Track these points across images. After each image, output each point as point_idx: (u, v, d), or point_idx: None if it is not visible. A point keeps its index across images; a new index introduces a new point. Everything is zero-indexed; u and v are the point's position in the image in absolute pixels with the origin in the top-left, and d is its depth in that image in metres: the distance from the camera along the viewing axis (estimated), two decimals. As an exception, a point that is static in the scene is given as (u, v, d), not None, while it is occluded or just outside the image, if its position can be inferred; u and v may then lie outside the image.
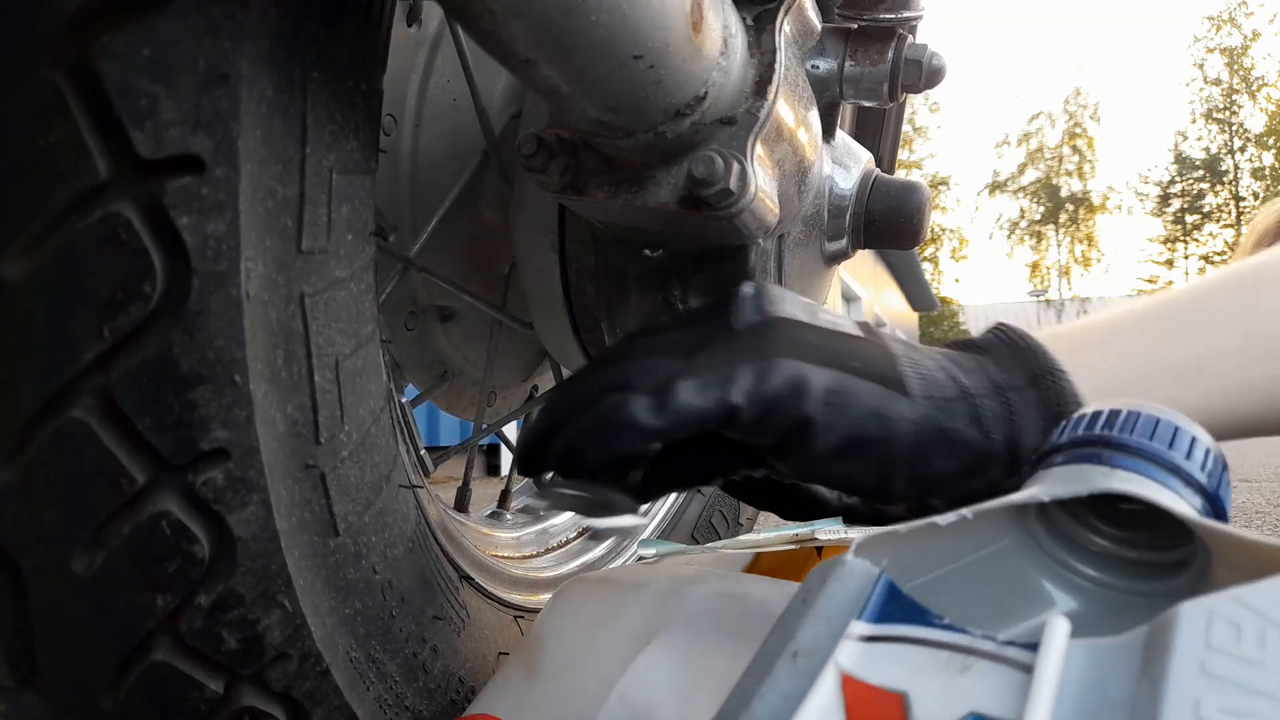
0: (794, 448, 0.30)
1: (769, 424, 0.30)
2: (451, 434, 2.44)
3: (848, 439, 0.30)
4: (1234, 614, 0.17)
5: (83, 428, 0.25)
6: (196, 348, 0.25)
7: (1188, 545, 0.22)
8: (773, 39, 0.36)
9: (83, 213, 0.24)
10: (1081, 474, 0.22)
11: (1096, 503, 0.23)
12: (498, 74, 0.53)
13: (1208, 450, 0.22)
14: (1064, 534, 0.24)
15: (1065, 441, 0.23)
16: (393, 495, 0.34)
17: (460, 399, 0.64)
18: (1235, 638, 0.16)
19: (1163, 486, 0.21)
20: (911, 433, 0.30)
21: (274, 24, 0.26)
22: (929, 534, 0.22)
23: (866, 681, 0.18)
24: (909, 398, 0.31)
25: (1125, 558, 0.23)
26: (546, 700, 0.30)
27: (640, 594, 0.31)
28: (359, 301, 0.31)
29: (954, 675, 0.18)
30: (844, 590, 0.20)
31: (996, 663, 0.18)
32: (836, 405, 0.30)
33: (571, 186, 0.38)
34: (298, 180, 0.28)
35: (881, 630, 0.19)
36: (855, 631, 0.19)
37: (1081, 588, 0.23)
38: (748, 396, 0.29)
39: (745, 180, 0.35)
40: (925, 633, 0.19)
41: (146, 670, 0.27)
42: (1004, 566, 0.23)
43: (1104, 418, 0.23)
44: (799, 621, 0.20)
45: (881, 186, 0.51)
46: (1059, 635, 0.18)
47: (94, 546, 0.26)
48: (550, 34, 0.27)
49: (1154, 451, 0.21)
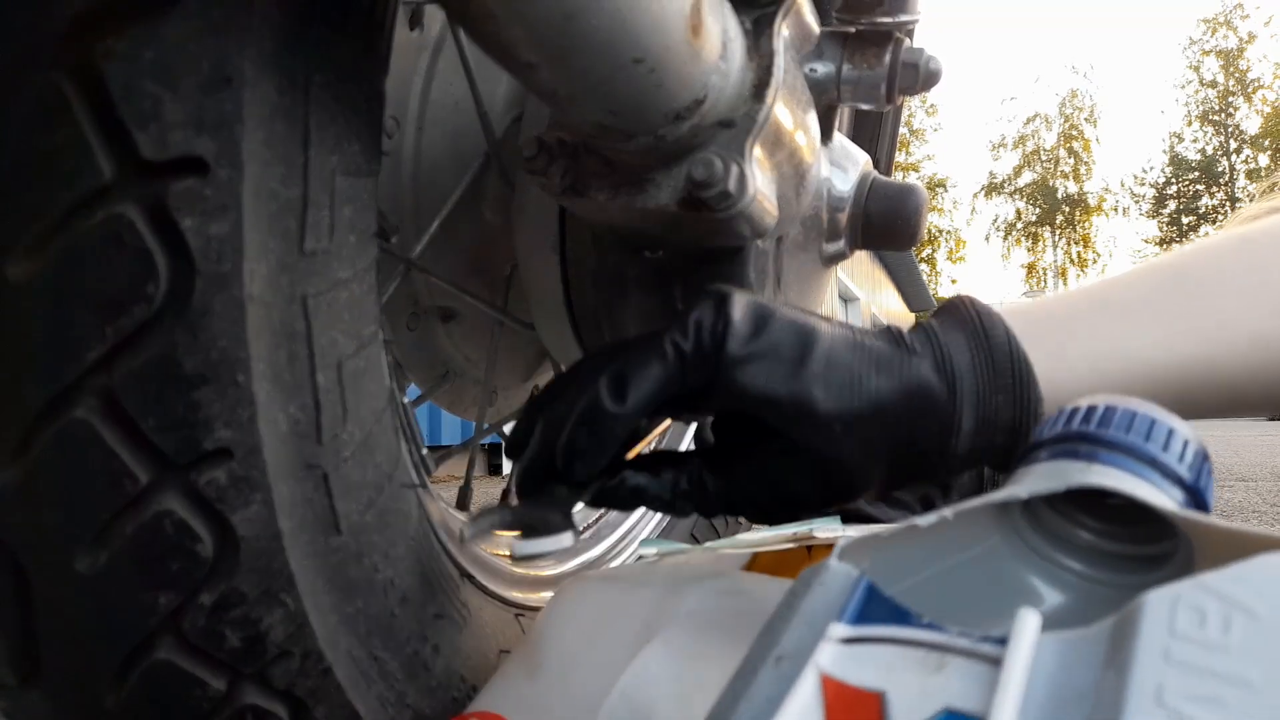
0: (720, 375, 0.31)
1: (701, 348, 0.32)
2: (453, 433, 2.45)
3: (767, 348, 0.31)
4: (1198, 600, 0.17)
5: (86, 427, 0.25)
6: (199, 348, 0.26)
7: (1172, 538, 0.22)
8: (771, 43, 0.36)
9: (86, 214, 0.24)
10: (1061, 470, 0.22)
11: (1081, 497, 0.23)
12: (499, 77, 0.53)
13: (1186, 442, 0.22)
14: (1049, 530, 0.24)
15: (1047, 438, 0.23)
16: (394, 494, 0.35)
17: (462, 399, 0.64)
18: (1199, 624, 0.16)
19: (1141, 480, 0.21)
20: (830, 338, 0.32)
21: (277, 27, 0.26)
22: (911, 536, 0.22)
23: (845, 681, 0.19)
24: (829, 323, 0.33)
25: (1110, 551, 0.23)
26: (547, 698, 0.30)
27: (641, 592, 0.32)
28: (361, 302, 0.32)
29: (930, 673, 0.18)
30: (826, 594, 0.21)
31: (970, 659, 0.18)
32: (757, 316, 0.32)
33: (572, 189, 0.38)
34: (301, 182, 0.28)
35: (861, 631, 0.20)
36: (835, 633, 0.20)
37: (1068, 582, 0.23)
38: (676, 338, 0.32)
39: (744, 182, 0.35)
40: (904, 632, 0.19)
41: (149, 669, 0.27)
42: (988, 566, 0.23)
43: (1082, 414, 0.23)
44: (783, 626, 0.20)
45: (879, 188, 0.52)
46: (1028, 628, 0.18)
47: (97, 546, 0.26)
48: (551, 38, 0.27)
49: (1131, 444, 0.22)
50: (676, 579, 0.32)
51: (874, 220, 0.51)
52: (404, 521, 0.36)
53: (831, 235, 0.51)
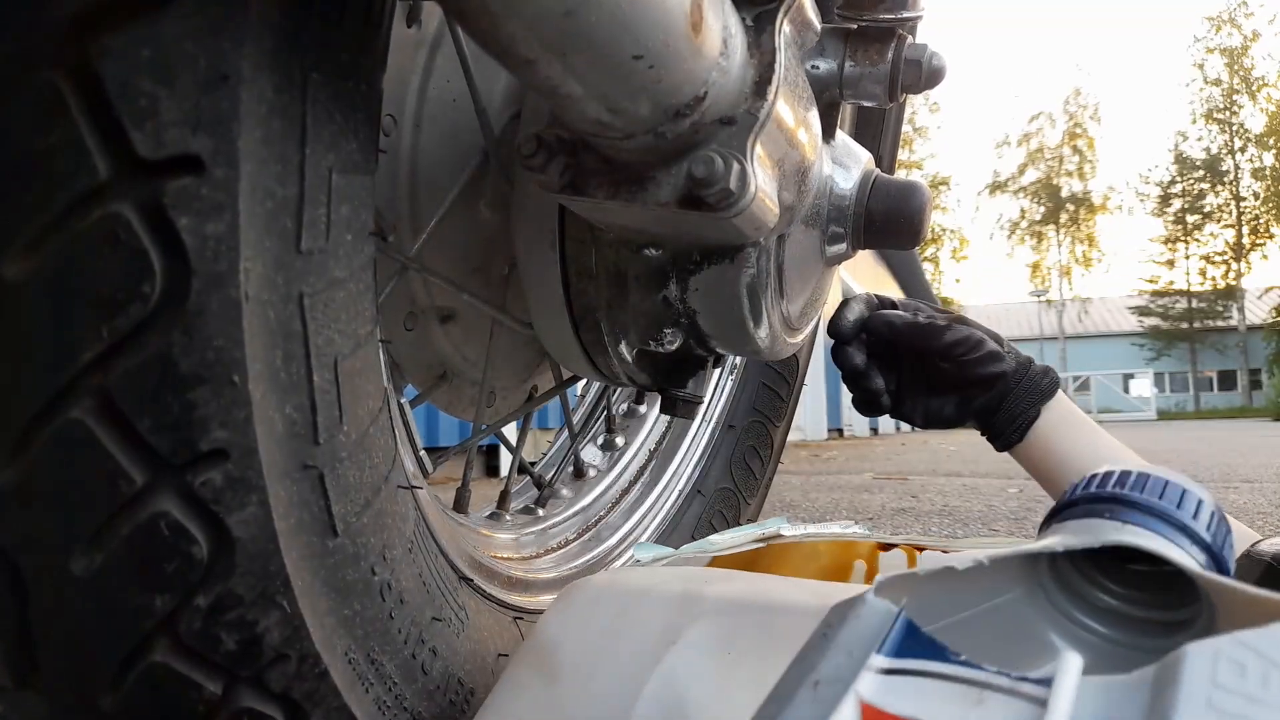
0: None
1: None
2: (450, 435, 2.45)
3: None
4: (1238, 655, 0.17)
5: (82, 428, 0.25)
6: (195, 348, 0.25)
7: (1192, 604, 0.23)
8: (772, 39, 0.36)
9: (82, 213, 0.24)
10: (1094, 528, 0.23)
11: (1104, 561, 0.24)
12: (497, 74, 0.53)
13: (1212, 511, 0.24)
14: (1073, 590, 0.25)
15: (1080, 497, 0.24)
16: (391, 496, 0.34)
17: (459, 399, 0.64)
18: (1240, 676, 0.17)
19: (1171, 543, 0.22)
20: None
21: (274, 25, 0.26)
22: (946, 578, 0.23)
23: (885, 710, 0.19)
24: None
25: (1132, 615, 0.24)
26: (571, 704, 0.30)
27: (654, 596, 0.32)
28: (358, 302, 0.31)
29: (969, 707, 0.19)
30: (864, 626, 0.22)
31: (1010, 696, 0.19)
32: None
33: (571, 186, 0.38)
34: (297, 181, 0.28)
35: (900, 664, 0.20)
36: (875, 664, 0.21)
37: (1089, 642, 0.24)
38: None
39: (745, 180, 0.35)
40: (942, 667, 0.20)
41: (145, 671, 0.27)
42: (1017, 614, 0.24)
43: (1115, 478, 0.24)
44: (820, 653, 0.21)
45: (882, 186, 0.51)
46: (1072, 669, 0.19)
47: (93, 547, 0.26)
48: (550, 33, 0.27)
49: (1163, 510, 0.23)
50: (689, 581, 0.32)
51: (877, 219, 0.51)
52: (401, 523, 0.35)
53: (834, 234, 0.51)
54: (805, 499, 2.12)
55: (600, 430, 0.83)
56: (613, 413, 0.83)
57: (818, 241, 0.50)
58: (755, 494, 0.84)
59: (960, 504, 1.95)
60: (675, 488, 0.80)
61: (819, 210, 0.49)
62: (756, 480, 0.84)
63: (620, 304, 0.49)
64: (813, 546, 0.43)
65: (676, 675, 0.28)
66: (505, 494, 0.69)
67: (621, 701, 0.28)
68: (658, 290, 0.47)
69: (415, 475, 0.39)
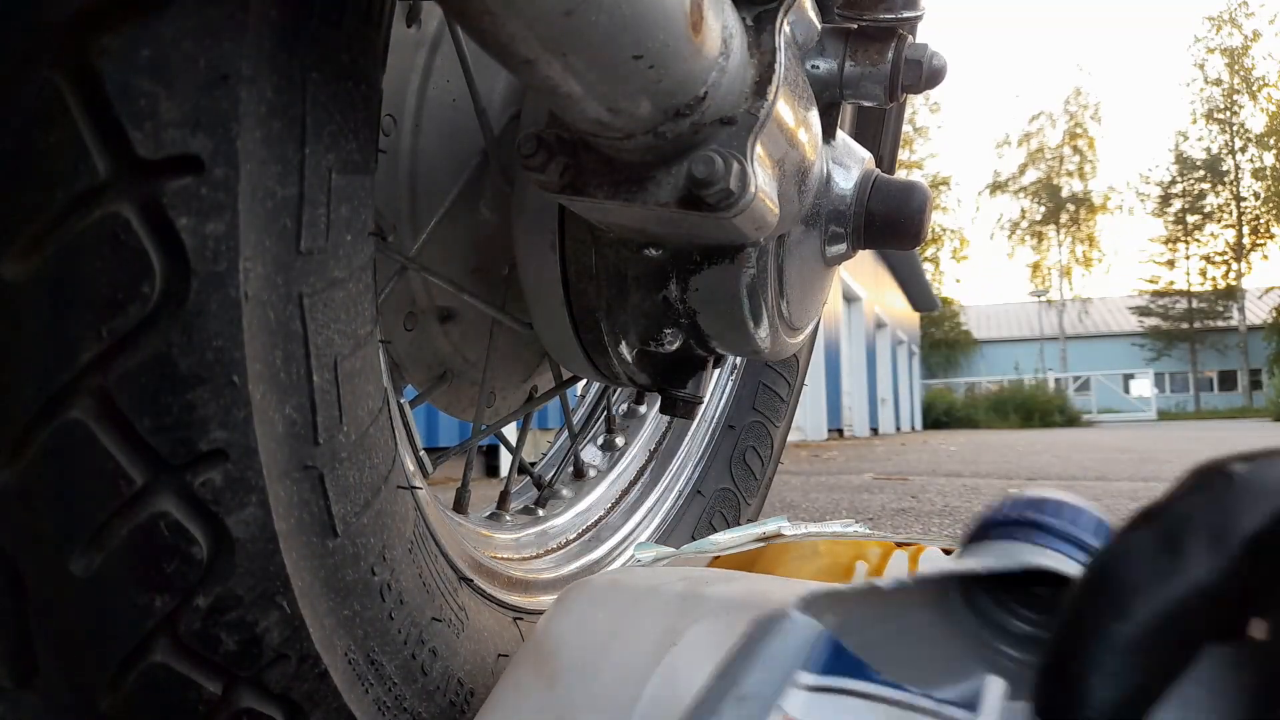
0: None
1: None
2: (450, 435, 2.45)
3: None
4: None
5: (81, 428, 0.25)
6: (195, 348, 0.25)
7: None
8: (772, 39, 0.36)
9: (82, 213, 0.24)
10: (1012, 550, 0.23)
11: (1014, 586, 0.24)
12: (497, 74, 0.53)
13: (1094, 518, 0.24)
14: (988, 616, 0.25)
15: (998, 520, 0.25)
16: (391, 496, 0.34)
17: (459, 400, 0.64)
18: None
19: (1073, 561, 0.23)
20: None
21: (274, 25, 0.26)
22: (872, 596, 0.23)
23: None
24: None
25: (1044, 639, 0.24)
26: (571, 705, 0.30)
27: (654, 597, 0.32)
28: (358, 302, 0.31)
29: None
30: (788, 641, 0.22)
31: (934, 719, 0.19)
32: None
33: (571, 186, 0.38)
34: (297, 181, 0.28)
35: (825, 681, 0.21)
36: (800, 680, 0.21)
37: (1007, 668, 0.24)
38: None
39: (745, 180, 0.35)
40: (867, 687, 0.21)
41: (145, 671, 0.27)
42: (939, 633, 0.24)
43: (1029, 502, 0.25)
44: (743, 668, 0.21)
45: (882, 187, 0.51)
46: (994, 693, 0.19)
47: (92, 547, 0.26)
48: (550, 33, 0.27)
49: (1077, 536, 0.23)
50: (689, 582, 0.32)
51: (877, 219, 0.51)
52: (401, 524, 0.35)
53: (834, 234, 0.51)
54: (805, 499, 2.12)
55: (600, 430, 0.83)
56: (613, 413, 0.83)
57: (818, 242, 0.50)
58: (755, 494, 0.84)
59: (961, 504, 1.95)
60: (675, 488, 0.80)
61: (819, 210, 0.49)
62: (756, 480, 0.84)
63: (620, 304, 0.49)
64: (813, 546, 0.43)
65: (677, 676, 0.28)
66: (505, 494, 0.69)
67: (622, 702, 0.28)
68: (658, 290, 0.47)
69: (415, 475, 0.39)
